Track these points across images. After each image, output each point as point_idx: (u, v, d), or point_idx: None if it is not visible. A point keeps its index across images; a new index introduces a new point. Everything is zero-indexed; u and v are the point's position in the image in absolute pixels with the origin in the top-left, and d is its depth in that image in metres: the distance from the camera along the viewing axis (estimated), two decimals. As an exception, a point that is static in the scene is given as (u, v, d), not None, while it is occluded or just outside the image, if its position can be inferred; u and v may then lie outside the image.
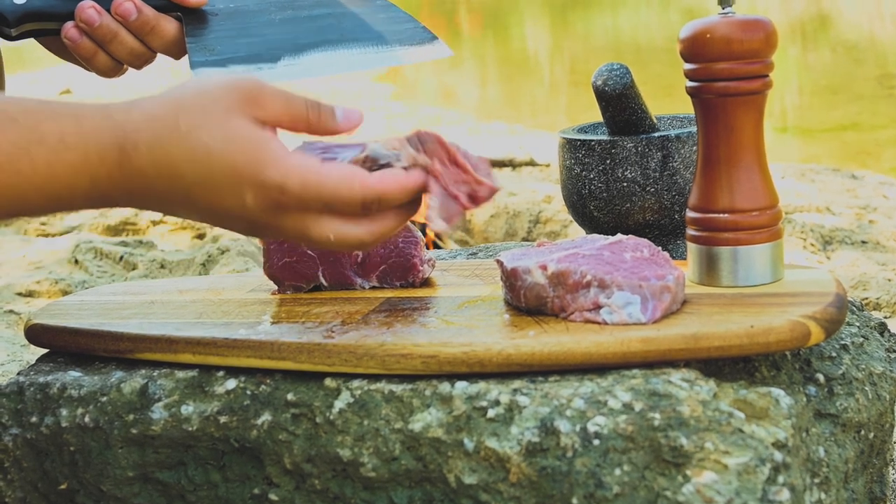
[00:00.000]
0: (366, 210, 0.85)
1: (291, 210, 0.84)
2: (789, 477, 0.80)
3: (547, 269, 0.96)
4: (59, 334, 1.05)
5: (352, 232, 0.86)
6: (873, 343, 1.06)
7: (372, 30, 1.10)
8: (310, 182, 0.83)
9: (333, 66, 1.09)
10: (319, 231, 0.85)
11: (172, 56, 1.14)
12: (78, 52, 1.12)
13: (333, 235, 0.85)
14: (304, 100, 0.87)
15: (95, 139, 0.82)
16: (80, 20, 1.10)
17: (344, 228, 0.86)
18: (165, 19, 1.10)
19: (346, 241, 0.86)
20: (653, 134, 1.17)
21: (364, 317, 1.00)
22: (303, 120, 0.86)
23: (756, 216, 1.00)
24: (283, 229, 0.85)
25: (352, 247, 0.87)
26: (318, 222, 0.85)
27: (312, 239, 0.86)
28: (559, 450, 0.83)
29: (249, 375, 0.96)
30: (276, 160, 0.83)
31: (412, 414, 0.88)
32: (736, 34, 0.97)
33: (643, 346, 0.89)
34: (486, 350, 0.89)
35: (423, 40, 1.08)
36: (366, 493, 0.89)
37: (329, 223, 0.85)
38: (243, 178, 0.83)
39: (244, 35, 1.10)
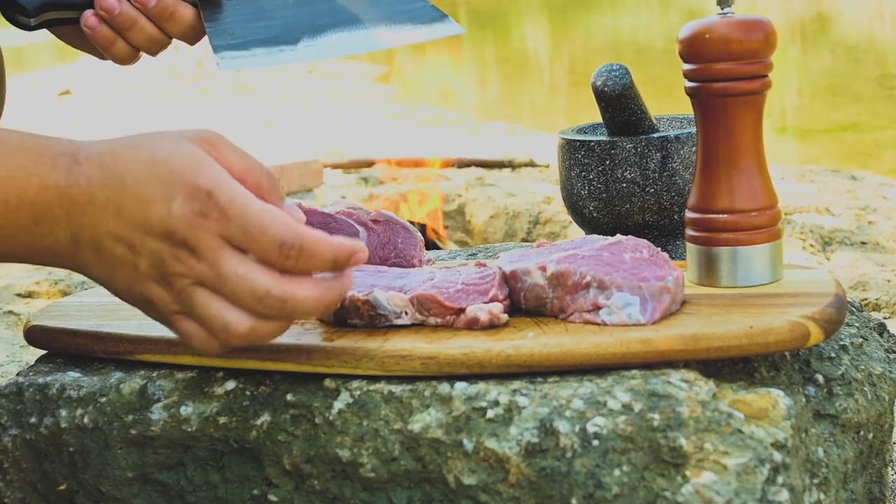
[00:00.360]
0: (283, 255, 0.82)
1: (212, 225, 0.81)
2: (788, 477, 0.80)
3: (546, 270, 0.96)
4: (59, 336, 1.05)
5: (261, 278, 0.82)
6: (872, 344, 1.06)
7: (385, 9, 1.11)
8: (237, 201, 0.81)
9: (351, 46, 1.10)
10: (232, 261, 0.82)
11: (188, 42, 1.15)
12: (96, 41, 1.12)
13: (242, 270, 0.82)
14: (261, 164, 0.87)
15: (52, 145, 0.85)
16: (100, 8, 1.11)
17: (255, 270, 0.82)
18: (183, 5, 1.12)
19: (251, 283, 0.82)
20: (652, 135, 1.17)
21: (363, 317, 1.00)
22: (254, 175, 0.85)
23: (755, 216, 1.00)
24: (199, 249, 0.82)
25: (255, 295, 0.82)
26: (233, 254, 0.82)
27: (222, 270, 0.82)
28: (558, 450, 0.83)
29: (249, 376, 0.96)
30: (214, 171, 0.82)
31: (411, 414, 0.88)
32: (735, 34, 0.97)
33: (642, 346, 0.89)
34: (486, 351, 0.89)
35: (435, 19, 1.09)
36: (365, 493, 0.89)
37: (242, 259, 0.82)
38: (178, 179, 0.82)
39: (261, 18, 1.11)
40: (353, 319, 0.97)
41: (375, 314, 0.96)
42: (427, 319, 0.96)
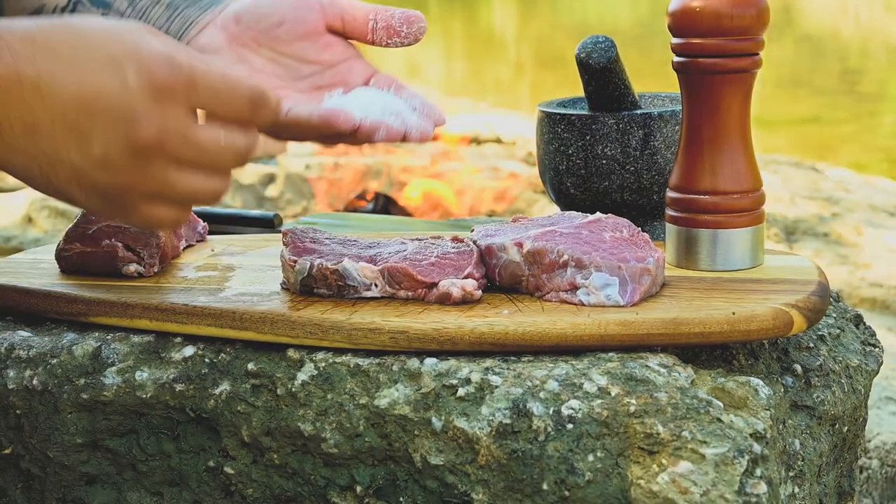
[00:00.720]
0: (254, 109, 0.77)
1: (179, 96, 0.74)
2: (767, 470, 0.78)
3: (523, 247, 0.92)
4: (9, 294, 1.01)
5: (240, 139, 0.78)
6: (849, 335, 1.04)
7: None
8: (198, 64, 0.75)
9: None
10: (209, 133, 0.76)
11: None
12: None
13: (223, 139, 0.76)
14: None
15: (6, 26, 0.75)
16: None
17: (233, 133, 0.77)
18: None
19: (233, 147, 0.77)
20: (635, 111, 1.14)
21: (330, 287, 0.96)
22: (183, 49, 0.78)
23: (738, 199, 0.97)
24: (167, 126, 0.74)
25: (237, 155, 0.78)
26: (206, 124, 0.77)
27: (203, 141, 0.76)
28: (531, 433, 0.80)
29: (208, 343, 0.92)
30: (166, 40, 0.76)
31: (378, 389, 0.85)
32: (726, 9, 0.94)
33: (621, 329, 0.86)
34: (458, 328, 0.86)
35: None
36: (326, 469, 0.86)
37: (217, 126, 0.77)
38: (126, 51, 0.74)
39: None
40: (321, 289, 0.94)
41: (344, 285, 0.93)
42: (397, 292, 0.93)
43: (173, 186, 0.77)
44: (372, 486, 0.84)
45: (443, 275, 0.92)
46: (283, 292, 0.95)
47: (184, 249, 1.11)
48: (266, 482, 0.87)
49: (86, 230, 1.02)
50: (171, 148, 0.75)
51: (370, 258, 0.94)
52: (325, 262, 0.93)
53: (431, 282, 0.91)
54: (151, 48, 0.75)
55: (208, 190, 0.78)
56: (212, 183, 0.78)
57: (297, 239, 0.98)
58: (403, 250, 0.96)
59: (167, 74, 0.74)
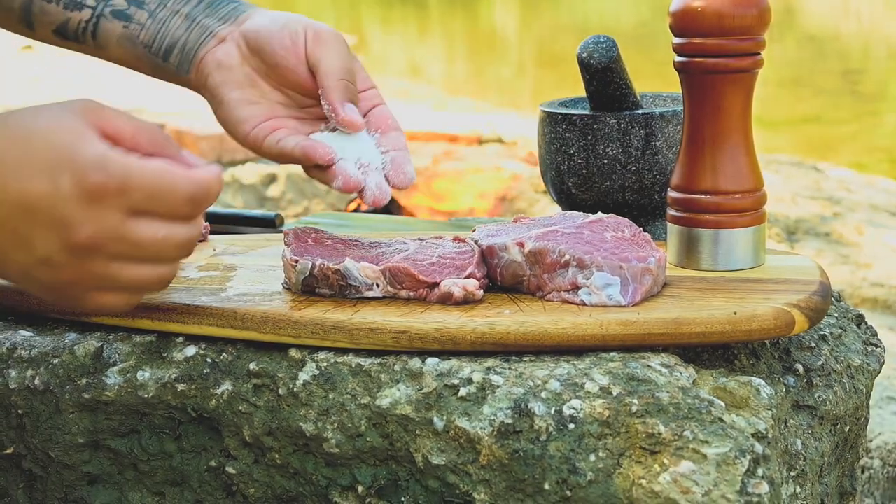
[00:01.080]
0: (195, 206, 0.79)
1: (111, 199, 0.76)
2: (769, 470, 0.78)
3: (524, 246, 0.92)
4: (11, 294, 1.00)
5: (180, 231, 0.79)
6: (851, 335, 1.03)
7: None
8: (133, 168, 0.77)
9: None
10: (147, 230, 0.78)
11: None
12: None
13: (162, 234, 0.78)
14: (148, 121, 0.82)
15: None
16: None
17: (173, 227, 0.79)
18: None
19: (174, 240, 0.79)
20: (636, 111, 1.14)
21: (332, 287, 0.96)
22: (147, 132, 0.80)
23: (739, 199, 0.97)
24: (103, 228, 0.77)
25: (179, 247, 0.80)
26: (144, 220, 0.78)
27: (140, 238, 0.78)
28: (532, 433, 0.80)
29: (210, 343, 0.92)
30: (98, 142, 0.77)
31: (380, 389, 0.85)
32: (728, 9, 0.94)
33: (622, 329, 0.86)
34: (460, 328, 0.86)
35: None
36: (328, 469, 0.86)
37: (155, 222, 0.78)
38: (60, 157, 0.76)
39: None
40: (322, 289, 0.94)
41: (346, 285, 0.93)
42: (399, 292, 0.93)
43: (116, 279, 0.79)
44: (373, 486, 0.84)
45: (444, 275, 0.92)
46: (284, 292, 0.95)
47: None
48: (268, 482, 0.87)
49: None
50: (109, 247, 0.78)
51: (372, 258, 0.94)
52: (326, 261, 0.93)
53: (433, 282, 0.91)
54: (85, 153, 0.76)
55: (154, 279, 0.81)
56: (158, 271, 0.81)
57: (298, 239, 0.98)
58: (405, 250, 0.96)
59: (99, 179, 0.76)
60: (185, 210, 0.79)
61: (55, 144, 0.77)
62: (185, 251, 0.82)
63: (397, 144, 1.02)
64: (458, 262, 0.93)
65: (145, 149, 0.81)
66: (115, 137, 0.80)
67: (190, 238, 0.81)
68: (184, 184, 0.78)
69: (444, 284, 0.91)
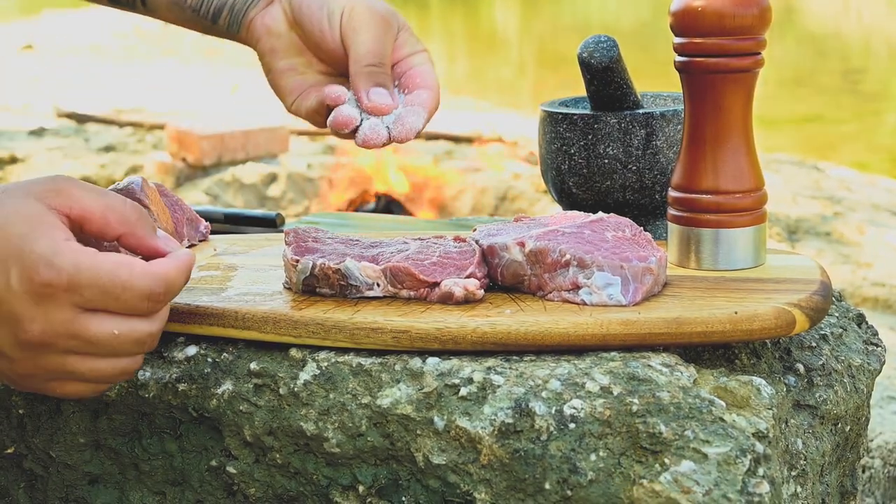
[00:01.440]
0: (153, 303, 0.78)
1: (61, 296, 0.75)
2: (769, 469, 0.78)
3: (525, 246, 0.92)
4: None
5: (140, 326, 0.78)
6: (852, 334, 1.03)
7: None
8: (84, 264, 0.75)
9: None
10: (100, 327, 0.76)
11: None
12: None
13: (118, 330, 0.77)
14: (123, 197, 0.81)
15: None
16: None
17: (130, 322, 0.77)
18: None
19: (131, 335, 0.78)
20: (637, 110, 1.14)
21: (333, 286, 0.96)
22: (117, 212, 0.79)
23: (740, 198, 0.97)
24: (52, 325, 0.76)
25: (138, 342, 0.79)
26: (97, 316, 0.76)
27: (93, 335, 0.77)
28: (533, 432, 0.80)
29: (211, 342, 0.92)
30: (52, 238, 0.75)
31: (380, 389, 0.85)
32: (728, 8, 0.94)
33: (623, 328, 0.86)
34: (461, 327, 0.86)
35: None
36: (328, 469, 0.86)
37: (110, 318, 0.77)
38: (11, 251, 0.75)
39: None
40: (323, 289, 0.94)
41: (346, 284, 0.93)
42: (400, 292, 0.93)
43: (73, 372, 0.78)
44: (374, 486, 0.84)
45: (445, 274, 0.92)
46: (285, 292, 0.95)
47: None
48: (268, 482, 0.87)
49: None
50: (60, 343, 0.77)
51: (372, 258, 0.94)
52: (327, 261, 0.93)
53: (434, 281, 0.91)
54: (35, 248, 0.75)
55: (116, 371, 0.80)
56: (119, 364, 0.79)
57: (299, 238, 0.98)
58: (406, 250, 0.96)
59: (47, 277, 0.75)
60: (142, 307, 0.77)
61: (9, 235, 0.75)
62: (146, 346, 0.80)
63: (416, 100, 1.02)
64: (459, 262, 0.93)
65: (115, 230, 0.79)
66: (82, 220, 0.79)
67: (150, 333, 0.79)
68: (140, 280, 0.77)
69: (445, 284, 0.91)
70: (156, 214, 1.03)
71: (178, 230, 1.09)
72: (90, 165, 4.61)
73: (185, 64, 8.06)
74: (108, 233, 0.80)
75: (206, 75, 7.48)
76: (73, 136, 5.37)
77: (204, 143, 4.48)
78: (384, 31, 1.02)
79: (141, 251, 0.82)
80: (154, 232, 0.82)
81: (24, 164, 4.70)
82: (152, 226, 0.82)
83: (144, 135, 5.44)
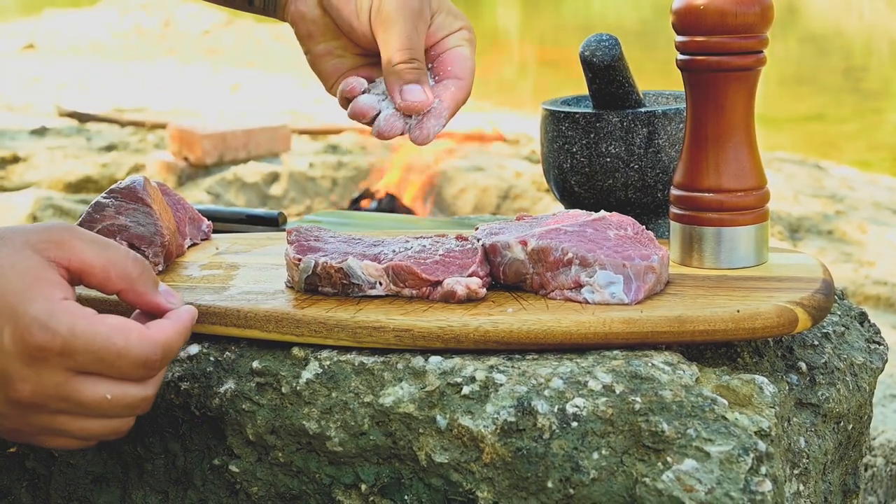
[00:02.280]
0: (149, 369, 0.77)
1: (54, 359, 0.74)
2: (772, 468, 0.78)
3: (527, 245, 0.92)
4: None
5: (133, 391, 0.77)
6: (854, 333, 1.03)
7: None
8: (79, 329, 0.74)
9: None
10: (93, 392, 0.75)
11: None
12: None
13: (111, 395, 0.76)
14: (127, 250, 0.80)
15: None
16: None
17: (124, 387, 0.76)
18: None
19: (126, 402, 0.77)
20: (639, 109, 1.13)
21: (335, 285, 0.96)
22: (118, 267, 0.78)
23: (742, 196, 0.97)
24: (44, 387, 0.75)
25: (130, 406, 0.78)
26: (90, 380, 0.75)
27: (85, 399, 0.76)
28: (536, 431, 0.80)
29: (213, 341, 0.92)
30: (48, 298, 0.74)
31: (383, 388, 0.85)
32: (731, 7, 0.94)
33: (625, 327, 0.85)
34: (463, 326, 0.86)
35: None
36: (331, 468, 0.86)
37: (103, 382, 0.76)
38: (5, 309, 0.74)
39: None
40: (325, 288, 0.94)
41: (348, 283, 0.93)
42: (402, 291, 0.93)
43: (63, 430, 0.78)
44: (377, 485, 0.84)
45: (447, 273, 0.92)
46: (287, 291, 0.95)
47: (188, 248, 1.11)
48: (271, 480, 0.87)
49: (91, 229, 1.02)
50: (51, 404, 0.76)
51: (375, 256, 0.94)
52: (329, 260, 0.93)
53: (436, 280, 0.91)
54: (30, 308, 0.74)
55: (108, 431, 0.79)
56: (110, 425, 0.79)
57: (301, 237, 0.98)
58: (408, 248, 0.96)
59: (41, 340, 0.74)
60: (137, 374, 0.77)
61: (4, 292, 0.74)
62: (140, 410, 0.79)
63: (443, 93, 0.99)
64: (461, 261, 0.93)
65: (115, 285, 0.78)
66: (82, 273, 0.78)
67: (144, 398, 0.78)
68: (137, 349, 0.76)
69: (447, 283, 0.91)
70: (158, 213, 1.03)
71: (181, 229, 1.09)
72: (92, 165, 4.61)
73: (186, 63, 8.05)
74: (108, 287, 0.79)
75: (208, 74, 7.48)
76: (75, 136, 5.38)
77: (206, 142, 4.48)
78: (415, 24, 0.98)
79: (141, 307, 0.81)
80: (156, 287, 0.81)
81: (26, 164, 4.70)
82: (154, 280, 0.81)
83: (146, 134, 5.45)
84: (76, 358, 0.75)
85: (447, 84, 1.00)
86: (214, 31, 9.58)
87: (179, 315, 0.80)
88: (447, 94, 1.00)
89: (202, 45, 8.88)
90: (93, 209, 1.02)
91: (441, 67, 1.01)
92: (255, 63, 8.14)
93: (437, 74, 1.01)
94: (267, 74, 7.41)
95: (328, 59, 1.03)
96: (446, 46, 1.01)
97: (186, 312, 0.81)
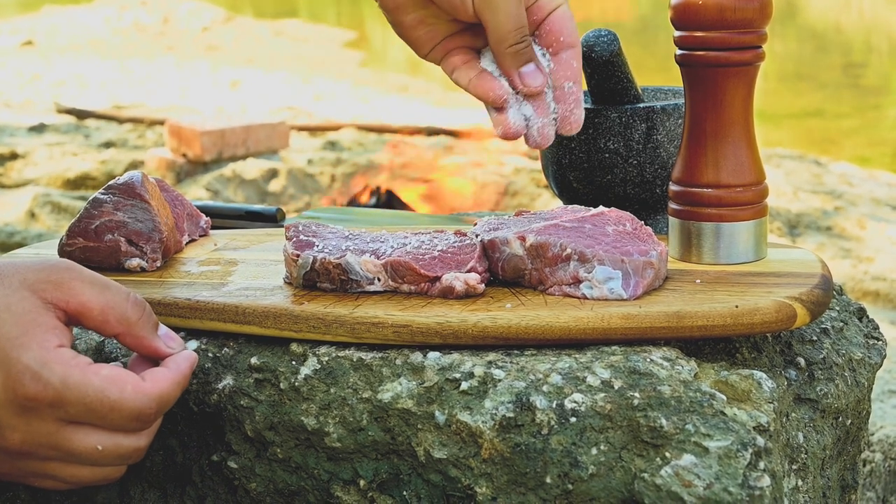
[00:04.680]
0: (142, 423, 0.76)
1: (45, 410, 0.73)
2: (770, 463, 0.78)
3: (526, 240, 0.92)
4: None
5: (126, 442, 0.76)
6: (852, 328, 1.03)
7: None
8: (71, 378, 0.73)
9: None
10: (84, 442, 0.75)
11: None
12: None
13: (102, 445, 0.75)
14: (127, 291, 0.79)
15: None
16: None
17: (116, 438, 0.76)
18: None
19: (118, 452, 0.76)
20: (637, 105, 1.13)
21: (333, 281, 0.96)
22: (117, 311, 0.77)
23: (741, 192, 0.97)
24: (34, 436, 0.74)
25: (122, 457, 0.77)
26: (81, 430, 0.75)
27: (76, 449, 0.75)
28: (534, 426, 0.80)
29: (211, 337, 0.92)
30: (41, 346, 0.74)
31: (381, 383, 0.85)
32: (729, 2, 0.94)
33: (624, 322, 0.85)
34: (461, 321, 0.86)
35: None
36: (330, 464, 0.86)
37: (95, 432, 0.75)
38: (1, 355, 0.73)
39: None
40: (324, 284, 0.94)
41: (347, 279, 0.93)
42: (400, 286, 0.93)
43: (54, 476, 0.77)
44: (375, 480, 0.84)
45: (446, 269, 0.92)
46: (285, 287, 0.95)
47: (187, 244, 1.11)
48: (269, 476, 0.87)
49: (88, 225, 1.02)
50: (41, 452, 0.76)
51: (373, 252, 0.94)
52: (327, 256, 0.93)
53: (434, 276, 0.91)
54: (20, 359, 0.73)
55: (98, 478, 0.79)
56: (100, 473, 0.78)
57: (299, 233, 0.98)
58: (406, 244, 0.96)
59: (32, 390, 0.73)
60: (130, 426, 0.76)
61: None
62: (132, 460, 0.78)
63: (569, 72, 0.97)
64: (460, 257, 0.93)
65: (113, 329, 0.78)
66: (79, 315, 0.77)
67: (137, 448, 0.77)
68: (131, 402, 0.75)
69: (446, 278, 0.91)
70: (156, 210, 1.02)
71: (179, 225, 1.09)
72: (90, 161, 4.61)
73: (185, 59, 8.05)
74: (106, 331, 0.78)
75: (207, 71, 7.47)
76: (74, 132, 5.38)
77: (204, 138, 4.48)
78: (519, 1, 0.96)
79: (139, 352, 0.80)
80: (155, 330, 0.80)
81: (25, 161, 4.70)
82: (154, 323, 0.80)
83: (145, 130, 5.45)
84: (67, 409, 0.74)
85: (565, 58, 0.98)
86: (213, 28, 9.58)
87: (178, 363, 0.79)
88: (572, 72, 0.98)
89: (201, 41, 8.88)
90: (91, 205, 1.02)
91: (549, 35, 0.98)
92: (254, 60, 8.14)
93: (548, 44, 0.99)
94: (266, 71, 7.41)
95: (420, 27, 1.00)
96: (547, 9, 0.98)
97: (185, 360, 0.80)
